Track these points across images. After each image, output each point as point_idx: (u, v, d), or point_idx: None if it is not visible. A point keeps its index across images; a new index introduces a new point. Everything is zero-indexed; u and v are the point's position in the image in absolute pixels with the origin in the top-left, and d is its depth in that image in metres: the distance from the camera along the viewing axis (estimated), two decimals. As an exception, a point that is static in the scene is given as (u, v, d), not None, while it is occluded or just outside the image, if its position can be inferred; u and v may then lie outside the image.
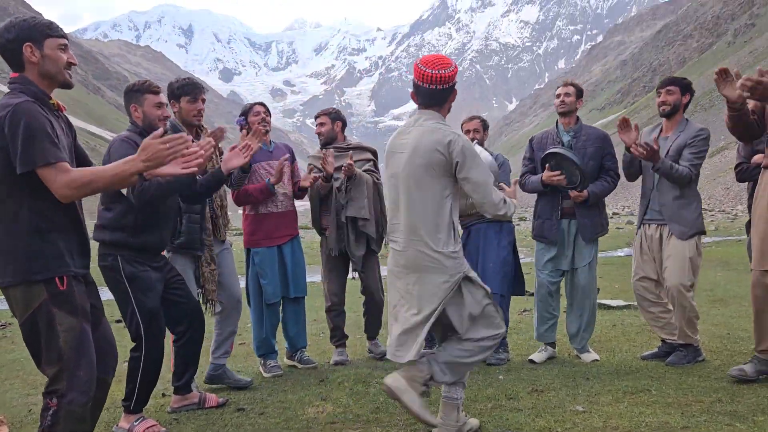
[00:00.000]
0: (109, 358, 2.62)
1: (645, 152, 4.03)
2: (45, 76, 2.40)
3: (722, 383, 3.64)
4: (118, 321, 5.94)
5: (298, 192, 4.58)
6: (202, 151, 2.44)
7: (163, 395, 3.89)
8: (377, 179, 4.78)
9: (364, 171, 4.74)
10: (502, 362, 4.43)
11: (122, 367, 3.35)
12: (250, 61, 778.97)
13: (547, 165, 4.31)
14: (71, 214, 2.44)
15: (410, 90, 2.99)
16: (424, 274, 2.86)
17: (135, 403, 3.26)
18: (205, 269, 3.88)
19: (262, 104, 4.56)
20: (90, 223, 2.59)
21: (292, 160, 4.64)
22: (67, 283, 2.36)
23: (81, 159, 2.64)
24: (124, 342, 3.73)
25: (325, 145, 4.82)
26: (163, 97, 3.43)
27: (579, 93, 4.50)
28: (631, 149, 4.12)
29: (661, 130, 4.33)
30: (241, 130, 4.40)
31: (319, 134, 4.85)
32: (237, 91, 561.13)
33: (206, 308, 3.93)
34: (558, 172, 4.24)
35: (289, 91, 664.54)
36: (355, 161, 4.62)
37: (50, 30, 2.40)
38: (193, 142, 3.59)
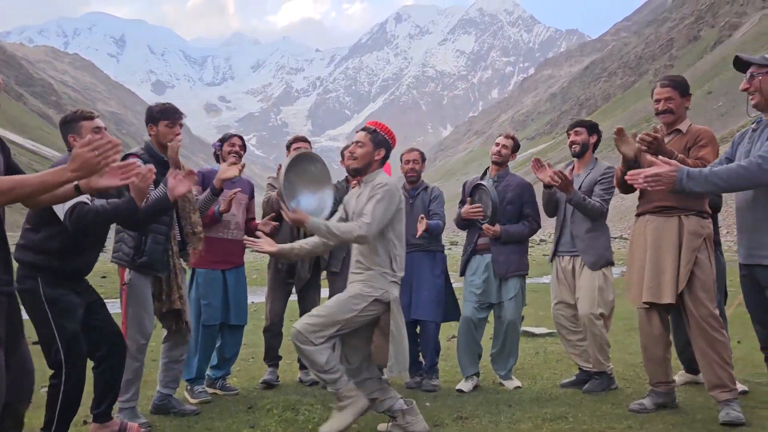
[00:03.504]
0: (24, 385, 2.55)
1: (559, 181, 4.31)
2: None
3: (633, 410, 3.86)
4: (35, 343, 5.68)
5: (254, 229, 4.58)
6: (142, 170, 2.44)
7: (84, 422, 3.77)
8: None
9: None
10: (437, 389, 4.55)
11: (41, 393, 3.25)
12: (185, 75, 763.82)
13: (468, 198, 4.61)
14: None
15: (347, 111, 3.24)
16: None
17: (54, 431, 3.16)
18: (177, 292, 3.84)
19: (240, 137, 4.70)
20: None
21: (251, 196, 4.76)
22: None
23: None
24: (44, 367, 3.61)
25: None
26: (99, 122, 3.38)
27: (516, 147, 4.79)
28: (549, 178, 4.40)
29: (572, 168, 4.66)
30: (214, 154, 4.64)
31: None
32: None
33: (179, 330, 3.95)
34: (476, 205, 4.54)
35: (225, 106, 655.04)
36: None
37: None
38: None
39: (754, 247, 3.00)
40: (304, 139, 5.09)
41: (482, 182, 4.64)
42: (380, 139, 3.56)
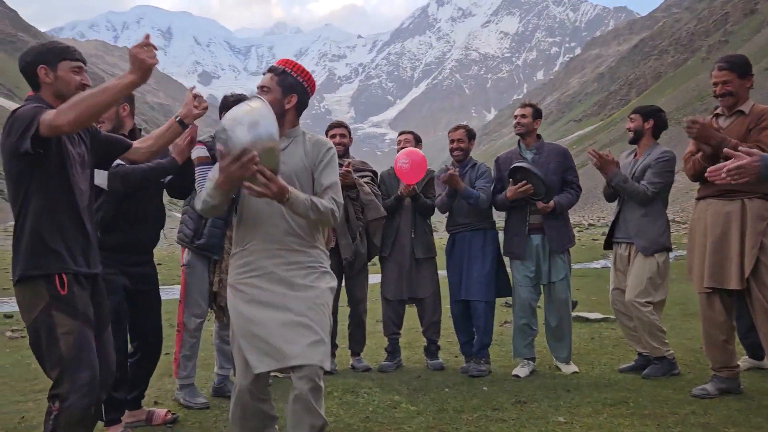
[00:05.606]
0: (104, 375, 2.59)
1: (597, 160, 4.30)
2: (58, 96, 2.55)
3: (696, 396, 3.82)
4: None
5: None
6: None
7: (156, 403, 3.94)
8: (377, 191, 4.90)
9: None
10: (484, 374, 4.57)
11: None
12: (230, 65, 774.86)
13: (510, 180, 4.54)
14: (72, 215, 2.53)
15: (389, 97, 2.96)
16: None
17: (106, 413, 3.25)
18: (224, 276, 3.90)
19: None
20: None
21: None
22: (68, 287, 2.44)
23: (114, 143, 2.85)
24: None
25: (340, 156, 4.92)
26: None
27: (536, 113, 4.72)
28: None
29: (635, 154, 4.60)
30: None
31: (341, 144, 4.85)
32: (216, 95, 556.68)
33: (215, 315, 4.05)
34: (522, 183, 4.45)
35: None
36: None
37: (65, 53, 2.57)
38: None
39: None
40: (340, 125, 5.03)
41: (522, 164, 4.52)
42: (291, 83, 2.70)
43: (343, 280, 4.91)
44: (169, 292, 8.79)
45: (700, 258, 3.83)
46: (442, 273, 4.98)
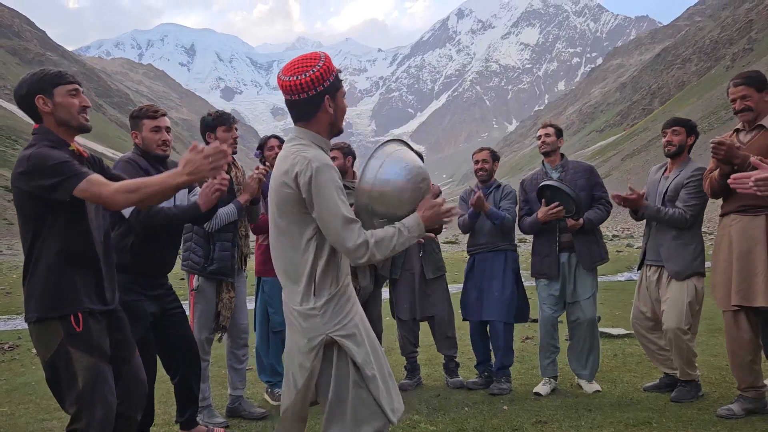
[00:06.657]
0: (137, 396, 2.65)
1: (623, 202, 4.18)
2: (61, 123, 2.51)
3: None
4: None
5: None
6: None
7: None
8: None
9: None
10: (505, 392, 4.52)
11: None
12: (252, 80, 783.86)
13: (543, 200, 4.47)
14: (88, 253, 2.50)
15: (410, 110, 2.83)
16: (290, 333, 2.35)
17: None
18: (225, 296, 3.92)
19: (276, 137, 4.70)
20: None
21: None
22: (83, 323, 2.42)
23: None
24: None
25: None
26: (163, 121, 3.45)
27: (559, 133, 4.73)
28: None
29: (665, 170, 4.43)
30: (262, 162, 4.57)
31: None
32: (238, 110, 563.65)
33: (218, 336, 4.04)
34: (555, 204, 4.39)
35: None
36: None
37: (58, 78, 2.50)
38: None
39: None
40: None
41: (551, 182, 4.48)
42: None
43: None
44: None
45: (726, 275, 3.76)
46: (453, 288, 4.96)
